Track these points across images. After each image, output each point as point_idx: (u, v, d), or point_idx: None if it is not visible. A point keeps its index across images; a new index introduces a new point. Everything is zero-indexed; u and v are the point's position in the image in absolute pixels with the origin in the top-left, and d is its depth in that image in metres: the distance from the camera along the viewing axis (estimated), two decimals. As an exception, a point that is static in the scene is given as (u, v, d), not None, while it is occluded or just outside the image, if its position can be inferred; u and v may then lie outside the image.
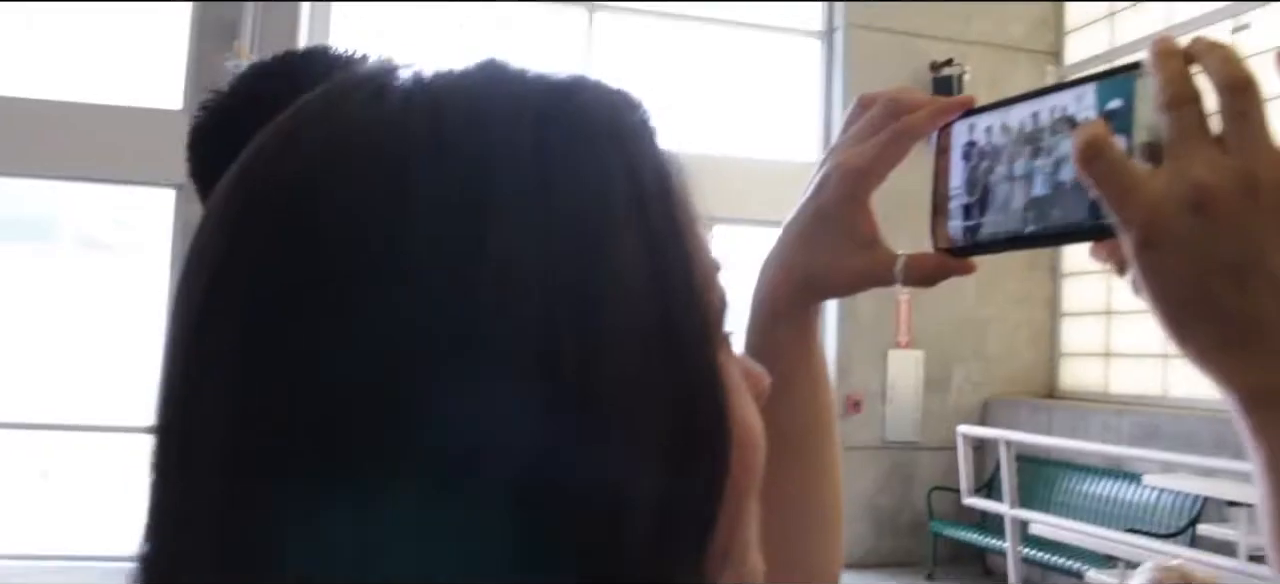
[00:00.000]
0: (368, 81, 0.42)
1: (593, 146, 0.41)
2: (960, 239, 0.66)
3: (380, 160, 0.39)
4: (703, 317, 0.42)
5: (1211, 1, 7.66)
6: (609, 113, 0.43)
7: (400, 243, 0.37)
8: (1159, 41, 0.55)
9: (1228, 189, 0.51)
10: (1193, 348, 0.53)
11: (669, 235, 0.41)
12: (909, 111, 0.69)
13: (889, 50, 8.54)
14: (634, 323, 0.39)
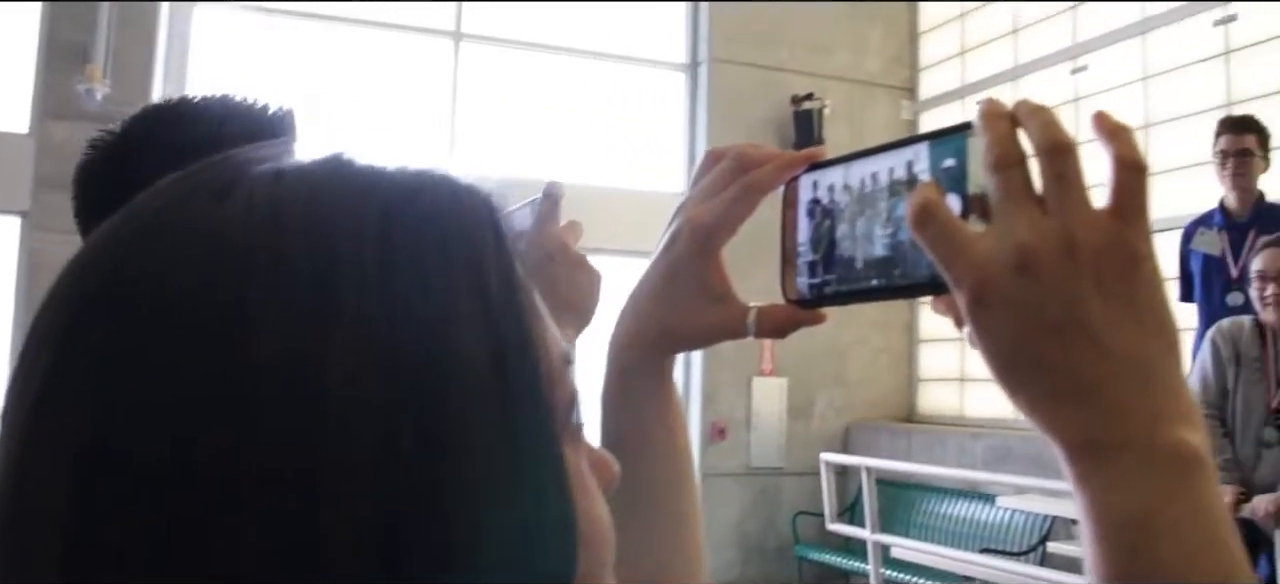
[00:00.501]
0: (212, 181, 0.41)
1: (437, 252, 0.40)
2: (808, 292, 0.68)
3: (218, 272, 0.38)
4: (548, 417, 0.41)
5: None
6: (455, 213, 0.42)
7: (238, 358, 0.36)
8: (987, 104, 0.57)
9: (1049, 250, 0.53)
10: (1022, 400, 0.55)
11: (514, 336, 0.41)
12: (756, 166, 0.70)
13: (752, 83, 8.70)
14: (477, 428, 0.38)
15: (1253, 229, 4.40)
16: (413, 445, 0.37)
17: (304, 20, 7.54)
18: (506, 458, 0.39)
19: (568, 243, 1.07)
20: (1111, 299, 0.53)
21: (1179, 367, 0.55)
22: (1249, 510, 3.62)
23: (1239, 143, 4.57)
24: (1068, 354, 0.52)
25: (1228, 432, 3.79)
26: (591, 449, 0.49)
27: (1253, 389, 3.75)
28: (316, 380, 0.36)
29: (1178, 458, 0.52)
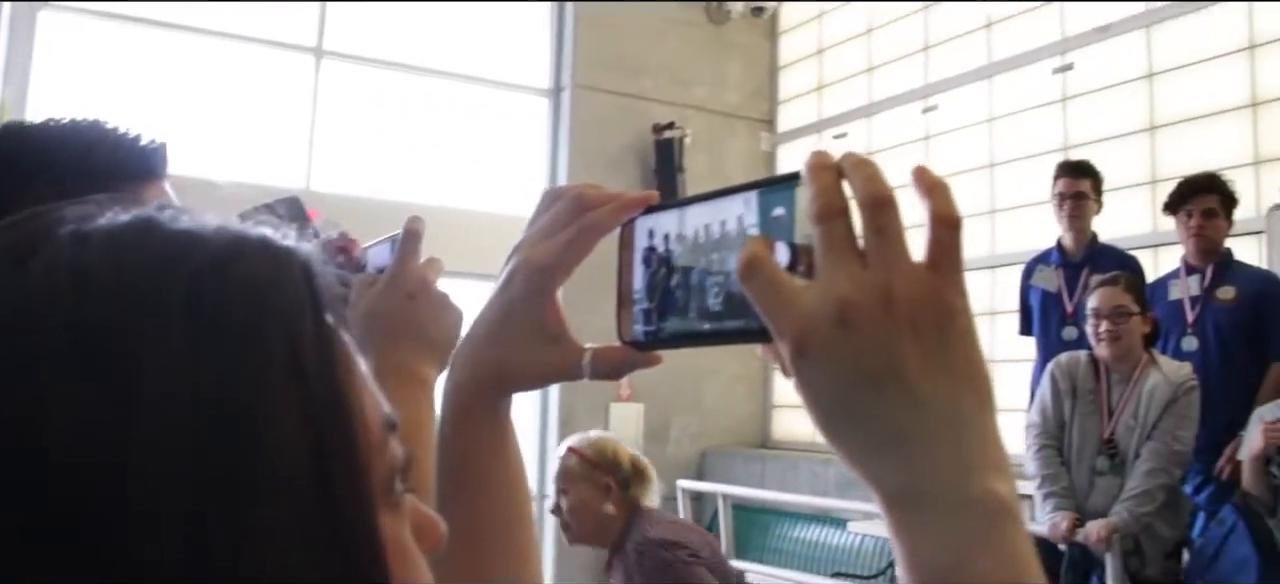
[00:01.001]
0: (15, 243, 0.39)
1: (249, 326, 0.39)
2: (643, 336, 0.68)
3: (13, 347, 0.36)
4: (364, 493, 0.40)
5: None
6: (270, 282, 0.40)
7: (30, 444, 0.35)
8: (814, 155, 0.58)
9: (867, 303, 0.53)
10: (843, 450, 0.56)
11: (330, 412, 0.40)
12: (594, 207, 0.71)
13: (614, 111, 8.76)
14: (289, 509, 0.37)
15: (1087, 267, 4.62)
16: (220, 531, 0.35)
17: (159, 29, 7.29)
18: (320, 538, 0.38)
19: (429, 280, 1.05)
20: (928, 352, 0.53)
21: (992, 418, 0.56)
22: (1083, 535, 3.79)
23: (1075, 186, 4.80)
24: (885, 405, 0.53)
25: (1064, 461, 3.96)
26: (418, 512, 0.48)
27: (1087, 421, 3.93)
28: (115, 466, 0.35)
29: (988, 508, 0.53)
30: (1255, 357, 4.25)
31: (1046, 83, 7.16)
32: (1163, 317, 4.37)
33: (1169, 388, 3.82)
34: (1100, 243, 4.88)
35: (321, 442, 0.39)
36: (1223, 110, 6.20)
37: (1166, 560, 3.89)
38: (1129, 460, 3.85)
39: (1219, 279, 4.38)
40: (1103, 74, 6.86)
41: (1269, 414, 3.69)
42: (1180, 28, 6.49)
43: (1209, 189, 4.43)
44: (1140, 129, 6.60)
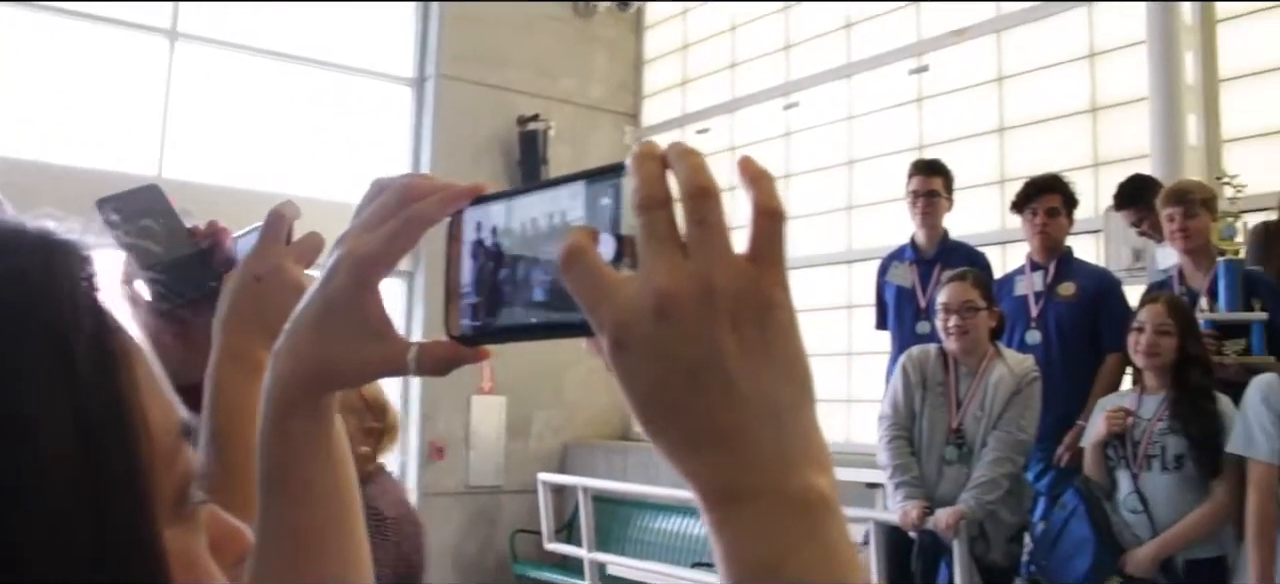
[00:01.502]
0: None
1: (16, 325, 0.37)
2: (470, 330, 0.67)
3: None
4: (145, 500, 0.39)
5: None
6: (43, 279, 0.39)
7: None
8: (640, 145, 0.56)
9: (686, 294, 0.52)
10: (662, 445, 0.54)
11: (105, 417, 0.38)
12: (420, 198, 0.68)
13: (478, 102, 8.69)
14: (57, 517, 0.36)
15: (939, 263, 4.77)
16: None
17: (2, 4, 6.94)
18: (91, 549, 0.36)
19: (282, 264, 1.00)
20: (747, 345, 0.52)
21: (812, 411, 0.55)
22: (932, 523, 3.91)
23: (928, 184, 4.94)
24: (703, 400, 0.52)
25: (915, 451, 4.08)
26: (219, 522, 0.46)
27: (937, 412, 4.05)
28: None
29: (807, 503, 0.52)
30: (1092, 349, 4.44)
31: (903, 83, 7.36)
32: (1008, 311, 4.53)
33: (1013, 380, 3.96)
34: (952, 240, 5.03)
35: (95, 449, 0.37)
36: (1066, 114, 6.47)
37: (1009, 544, 4.04)
38: (976, 449, 3.98)
39: (1060, 276, 4.56)
40: (956, 76, 7.08)
41: (1110, 403, 3.86)
42: (1028, 34, 6.74)
43: (1052, 189, 4.61)
44: (990, 130, 6.84)
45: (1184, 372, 3.67)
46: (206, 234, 1.13)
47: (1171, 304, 3.77)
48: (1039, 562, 3.91)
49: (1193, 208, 4.13)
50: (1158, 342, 3.70)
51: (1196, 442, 3.59)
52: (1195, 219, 4.11)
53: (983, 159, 6.77)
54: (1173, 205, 4.17)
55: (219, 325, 1.01)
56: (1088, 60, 6.42)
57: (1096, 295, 4.49)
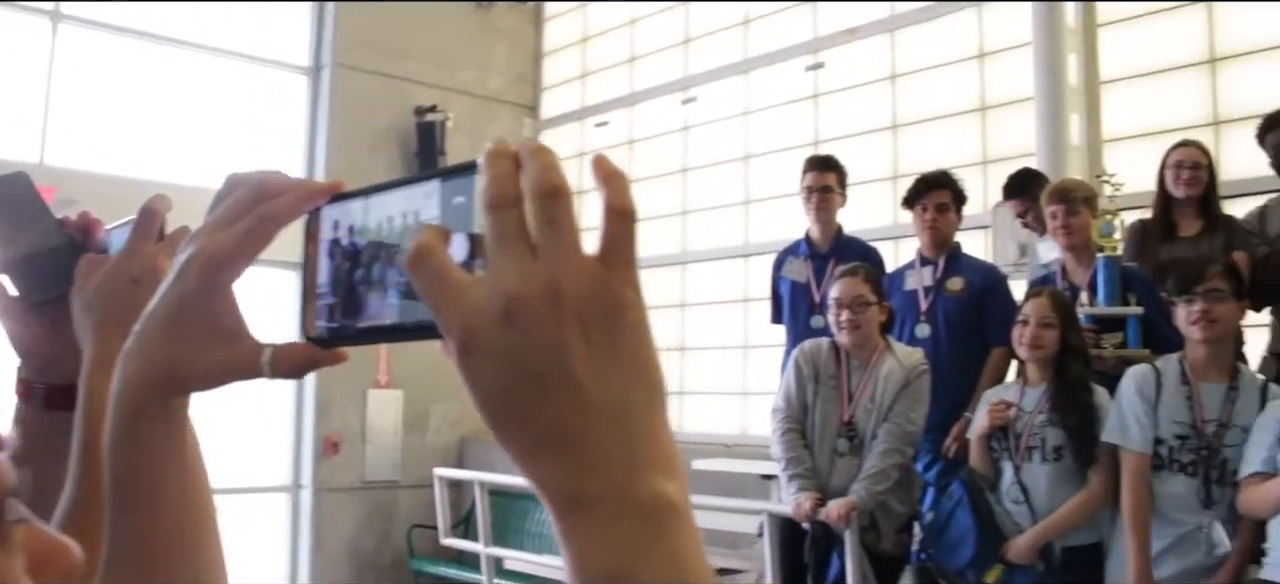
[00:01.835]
0: None
1: None
2: (326, 332, 0.66)
3: None
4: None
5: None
6: None
7: None
8: (494, 143, 0.55)
9: (533, 297, 0.51)
10: (511, 450, 0.53)
11: None
12: (275, 195, 0.67)
13: (375, 92, 8.57)
14: None
15: (833, 259, 4.83)
16: None
17: None
18: None
19: (157, 264, 0.95)
20: (595, 347, 0.52)
21: (663, 415, 0.54)
22: (824, 514, 3.97)
23: (822, 180, 5.01)
24: (550, 404, 0.52)
25: (808, 443, 4.14)
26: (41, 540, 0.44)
27: (829, 405, 4.12)
28: None
29: (655, 508, 0.51)
30: (979, 343, 4.55)
31: (799, 80, 7.45)
32: (899, 305, 4.63)
33: (903, 372, 4.04)
34: (846, 235, 5.11)
35: None
36: (957, 113, 6.62)
37: (899, 534, 4.13)
38: (867, 441, 4.06)
39: (949, 271, 4.66)
40: (851, 74, 7.19)
41: (994, 396, 3.96)
42: (920, 34, 6.88)
43: (941, 186, 4.71)
44: (884, 127, 6.96)
45: (1064, 364, 3.79)
46: (77, 226, 1.09)
47: (1054, 298, 3.88)
48: (927, 550, 4.00)
49: (1074, 206, 4.26)
50: (1041, 334, 3.80)
51: (1074, 432, 3.70)
52: (1077, 217, 4.24)
53: (876, 155, 6.90)
54: (1055, 203, 4.30)
55: (91, 330, 0.95)
56: (977, 60, 6.58)
57: (983, 290, 4.60)
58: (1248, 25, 5.58)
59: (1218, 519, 3.40)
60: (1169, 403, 3.50)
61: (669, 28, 8.54)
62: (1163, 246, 4.42)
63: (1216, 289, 3.45)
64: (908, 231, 5.52)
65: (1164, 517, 3.47)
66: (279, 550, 8.20)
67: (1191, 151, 4.47)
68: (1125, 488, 3.51)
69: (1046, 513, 3.73)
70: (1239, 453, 3.37)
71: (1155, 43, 5.89)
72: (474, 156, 0.55)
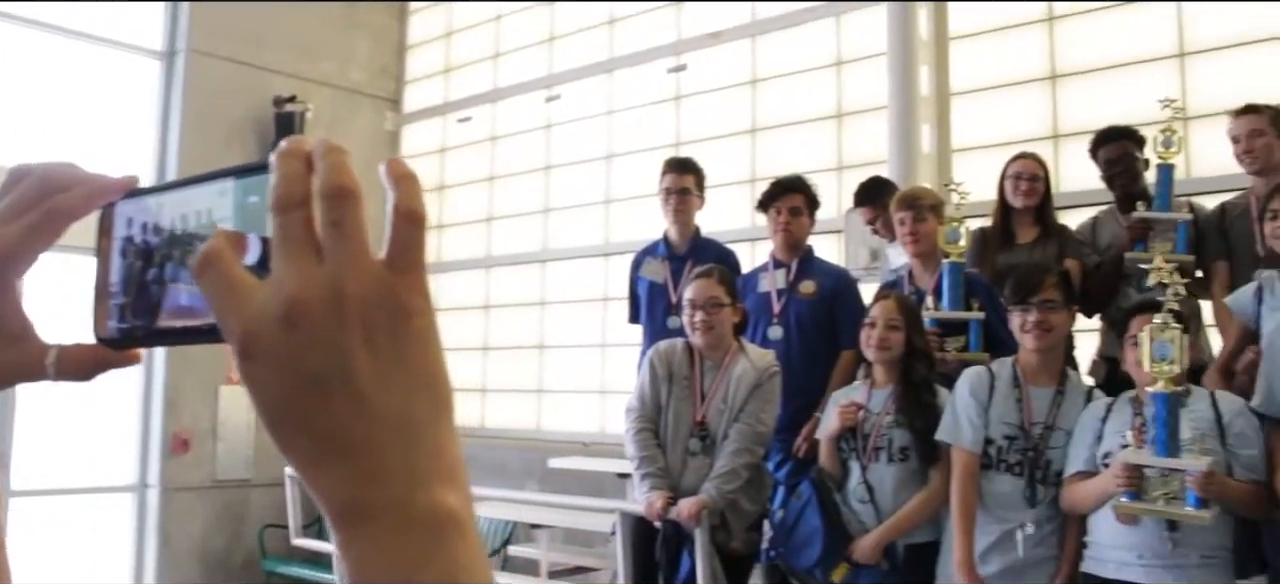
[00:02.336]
0: None
1: None
2: (117, 333, 0.63)
3: None
4: None
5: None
6: None
7: None
8: (287, 141, 0.53)
9: (316, 301, 0.50)
10: (292, 459, 0.52)
11: None
12: (63, 189, 0.64)
13: (232, 80, 8.34)
14: None
15: (691, 260, 4.89)
16: None
17: None
18: None
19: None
20: (379, 355, 0.51)
21: (449, 425, 0.53)
22: (675, 513, 4.02)
23: (680, 182, 5.07)
24: (330, 412, 0.50)
25: (661, 443, 4.18)
26: None
27: (682, 405, 4.17)
28: None
29: (435, 521, 0.51)
30: (830, 345, 4.66)
31: (662, 81, 7.52)
32: (753, 307, 4.71)
33: (755, 373, 4.12)
34: (703, 237, 5.17)
35: None
36: (814, 118, 6.77)
37: (749, 532, 4.20)
38: (719, 441, 4.12)
39: (802, 274, 4.76)
40: (712, 77, 7.29)
41: (843, 397, 4.06)
42: (781, 39, 7.01)
43: (795, 190, 4.80)
44: (744, 131, 7.07)
45: (910, 366, 3.91)
46: None
47: (900, 302, 4.00)
48: (776, 549, 4.08)
49: (922, 213, 4.39)
50: (887, 337, 3.91)
51: (919, 433, 3.82)
52: (924, 223, 4.38)
53: (736, 158, 7.00)
54: (903, 210, 4.43)
55: None
56: (834, 68, 6.73)
57: (834, 293, 4.70)
58: (1087, 44, 5.85)
59: (1035, 519, 3.54)
60: (1000, 404, 3.64)
61: (534, 25, 8.53)
62: (1001, 253, 4.60)
63: (1050, 299, 3.60)
64: (766, 234, 5.61)
65: (991, 514, 3.61)
66: (123, 553, 7.91)
67: (1029, 163, 4.66)
68: (954, 485, 3.64)
69: (891, 512, 3.84)
70: (1062, 454, 3.53)
71: (1002, 57, 6.12)
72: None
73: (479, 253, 8.74)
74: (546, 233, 8.22)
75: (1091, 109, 5.64)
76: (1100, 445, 3.40)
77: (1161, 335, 3.22)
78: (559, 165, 8.18)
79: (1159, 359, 3.20)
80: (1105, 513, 3.34)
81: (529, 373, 8.25)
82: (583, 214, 7.94)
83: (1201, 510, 3.11)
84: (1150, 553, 3.24)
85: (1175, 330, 3.21)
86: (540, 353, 8.16)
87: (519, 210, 8.38)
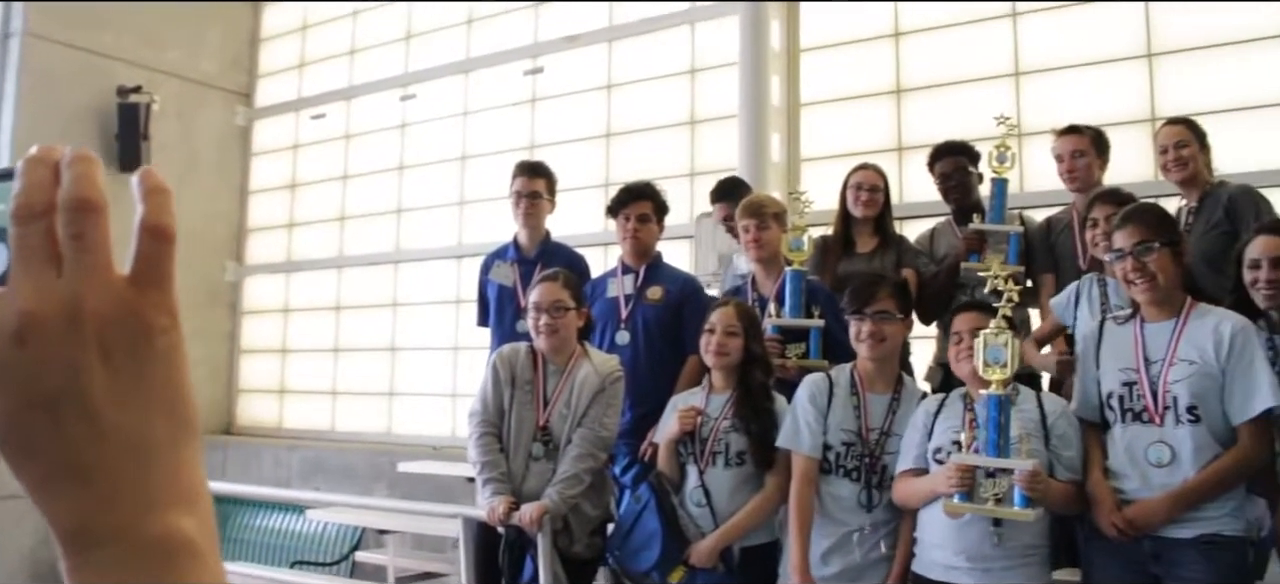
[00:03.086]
0: None
1: None
2: None
3: None
4: None
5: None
6: None
7: None
8: (38, 148, 0.51)
9: (51, 317, 0.48)
10: (24, 483, 0.50)
11: None
12: None
13: (72, 66, 8.02)
14: None
15: (540, 263, 4.85)
16: None
17: None
18: None
19: None
20: (118, 375, 0.49)
21: (190, 447, 0.52)
22: (517, 518, 3.99)
23: (530, 185, 5.05)
24: (62, 434, 0.48)
25: (504, 448, 4.15)
26: None
27: (525, 409, 4.13)
28: None
29: (166, 548, 0.49)
30: (677, 350, 4.68)
31: (518, 83, 7.49)
32: (601, 312, 4.71)
33: (598, 378, 4.11)
34: (553, 241, 5.15)
35: None
36: (668, 125, 6.82)
37: (592, 537, 4.19)
38: (562, 446, 4.10)
39: (649, 280, 4.77)
40: (569, 80, 7.29)
41: (682, 402, 4.08)
42: (637, 45, 7.05)
43: (643, 196, 4.82)
44: (599, 135, 7.09)
45: (747, 372, 3.96)
46: None
47: (739, 308, 4.05)
48: (614, 553, 4.08)
49: (765, 221, 4.46)
50: (726, 342, 3.95)
51: (755, 438, 3.87)
52: (767, 231, 4.44)
53: (590, 162, 7.01)
54: (748, 218, 4.49)
55: None
56: (689, 75, 6.80)
57: (681, 299, 4.73)
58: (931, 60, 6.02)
59: (871, 523, 3.63)
60: (838, 410, 3.71)
61: (391, 22, 8.41)
62: (842, 262, 4.70)
63: (884, 310, 3.68)
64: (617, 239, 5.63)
65: (830, 517, 3.68)
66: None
67: (869, 174, 4.78)
68: (793, 489, 3.69)
69: (728, 516, 3.87)
70: (898, 459, 3.62)
71: (851, 71, 6.26)
72: (184, 143, 0.51)
73: (331, 253, 8.58)
74: (400, 233, 8.11)
75: (934, 123, 5.81)
76: (930, 442, 3.49)
77: (995, 340, 3.32)
78: (414, 165, 8.08)
79: (992, 362, 3.30)
80: (935, 514, 3.42)
81: (381, 375, 8.12)
82: (437, 215, 7.86)
83: (1027, 509, 3.21)
84: (976, 554, 3.34)
85: (1007, 335, 3.32)
86: (392, 355, 8.04)
87: (372, 210, 8.25)
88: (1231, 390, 3.16)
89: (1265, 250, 3.43)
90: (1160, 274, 3.26)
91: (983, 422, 3.33)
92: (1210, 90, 5.39)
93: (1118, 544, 3.22)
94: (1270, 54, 5.33)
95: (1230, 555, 3.12)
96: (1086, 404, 3.43)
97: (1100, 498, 3.26)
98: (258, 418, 8.86)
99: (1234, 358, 3.16)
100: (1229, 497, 3.16)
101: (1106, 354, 3.40)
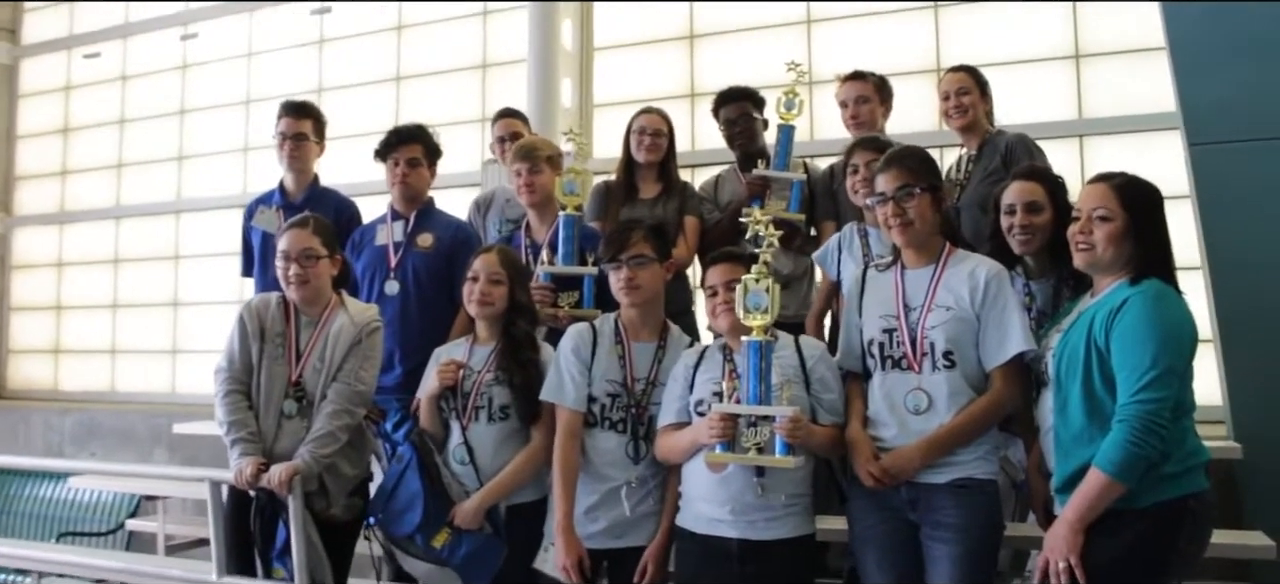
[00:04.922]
0: None
1: None
2: None
3: None
4: None
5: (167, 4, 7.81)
6: None
7: None
8: None
9: None
10: None
11: None
12: None
13: None
14: None
15: (307, 209, 4.57)
16: None
17: None
18: None
19: None
20: None
21: None
22: (267, 480, 3.72)
23: (296, 127, 4.77)
24: None
25: (253, 406, 3.87)
26: None
27: (275, 364, 3.85)
28: None
29: None
30: (449, 300, 4.44)
31: (305, 24, 7.12)
32: (369, 260, 4.46)
33: (354, 329, 3.87)
34: (322, 186, 4.87)
35: None
36: (459, 68, 6.57)
37: (351, 498, 3.94)
38: (316, 402, 3.85)
39: (420, 226, 4.53)
40: (358, 21, 6.95)
41: (444, 354, 3.88)
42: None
43: (414, 140, 4.57)
44: (388, 78, 6.79)
45: (511, 321, 3.77)
46: None
47: (503, 254, 3.86)
48: (376, 515, 3.86)
49: (537, 164, 4.28)
50: (489, 291, 3.76)
51: (519, 390, 3.69)
52: (539, 174, 4.27)
53: (379, 106, 6.72)
54: (520, 161, 4.30)
55: None
56: (480, 17, 6.55)
57: (453, 247, 4.50)
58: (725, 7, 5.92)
59: (639, 476, 3.49)
60: (603, 361, 3.55)
61: (168, -45, 7.90)
62: (624, 208, 4.56)
63: (640, 255, 3.54)
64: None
65: (596, 473, 3.53)
66: None
67: (653, 118, 4.64)
68: (557, 444, 3.53)
69: (492, 473, 3.69)
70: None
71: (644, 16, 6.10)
72: None
73: (108, 202, 8.04)
74: (181, 182, 7.65)
75: (728, 70, 5.71)
76: (692, 394, 3.37)
77: (756, 286, 3.21)
78: (195, 109, 7.63)
79: (753, 308, 3.20)
80: (697, 467, 3.30)
81: (163, 332, 7.67)
82: (220, 162, 7.43)
83: (789, 457, 3.12)
84: (740, 505, 3.24)
85: (768, 280, 3.21)
86: (175, 310, 7.59)
87: (152, 157, 7.76)
88: (985, 336, 3.12)
89: (1019, 195, 3.42)
90: (918, 220, 3.20)
91: (743, 370, 3.22)
92: (995, 43, 5.43)
93: (876, 492, 3.16)
94: (1053, 7, 5.40)
95: (982, 498, 3.08)
96: (850, 354, 3.36)
97: (858, 447, 3.19)
98: (31, 380, 8.28)
99: (989, 303, 3.12)
100: (982, 440, 3.12)
101: (869, 302, 3.33)
